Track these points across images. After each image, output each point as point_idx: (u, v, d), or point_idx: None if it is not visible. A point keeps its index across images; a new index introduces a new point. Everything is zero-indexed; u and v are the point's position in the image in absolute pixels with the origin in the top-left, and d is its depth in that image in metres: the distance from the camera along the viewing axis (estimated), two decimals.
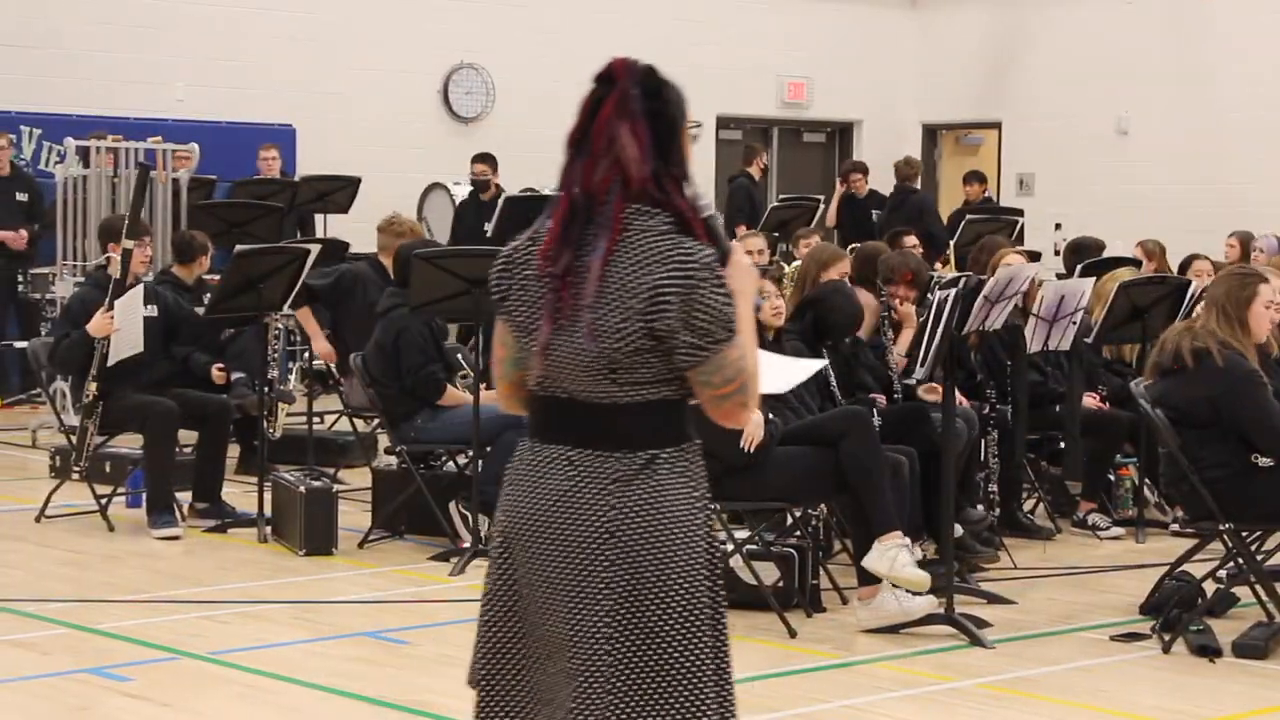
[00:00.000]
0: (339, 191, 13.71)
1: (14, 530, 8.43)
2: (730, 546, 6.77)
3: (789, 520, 7.19)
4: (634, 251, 3.15)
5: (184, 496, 8.54)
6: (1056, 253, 12.85)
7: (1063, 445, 8.85)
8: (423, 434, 8.18)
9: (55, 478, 8.87)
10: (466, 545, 7.77)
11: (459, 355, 8.78)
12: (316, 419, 10.24)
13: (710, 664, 3.22)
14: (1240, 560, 6.59)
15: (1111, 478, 8.79)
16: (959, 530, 7.33)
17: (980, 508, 7.89)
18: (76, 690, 5.83)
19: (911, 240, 9.85)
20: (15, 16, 14.33)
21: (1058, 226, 16.90)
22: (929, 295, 7.56)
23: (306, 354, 11.03)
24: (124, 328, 8.32)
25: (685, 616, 3.18)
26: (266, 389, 8.70)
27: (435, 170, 14.92)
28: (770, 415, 6.54)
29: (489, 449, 7.95)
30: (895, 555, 6.44)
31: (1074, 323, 8.26)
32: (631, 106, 3.18)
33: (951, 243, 13.47)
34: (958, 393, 7.42)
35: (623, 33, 17.34)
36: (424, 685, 5.83)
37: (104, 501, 8.49)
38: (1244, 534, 6.51)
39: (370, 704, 5.64)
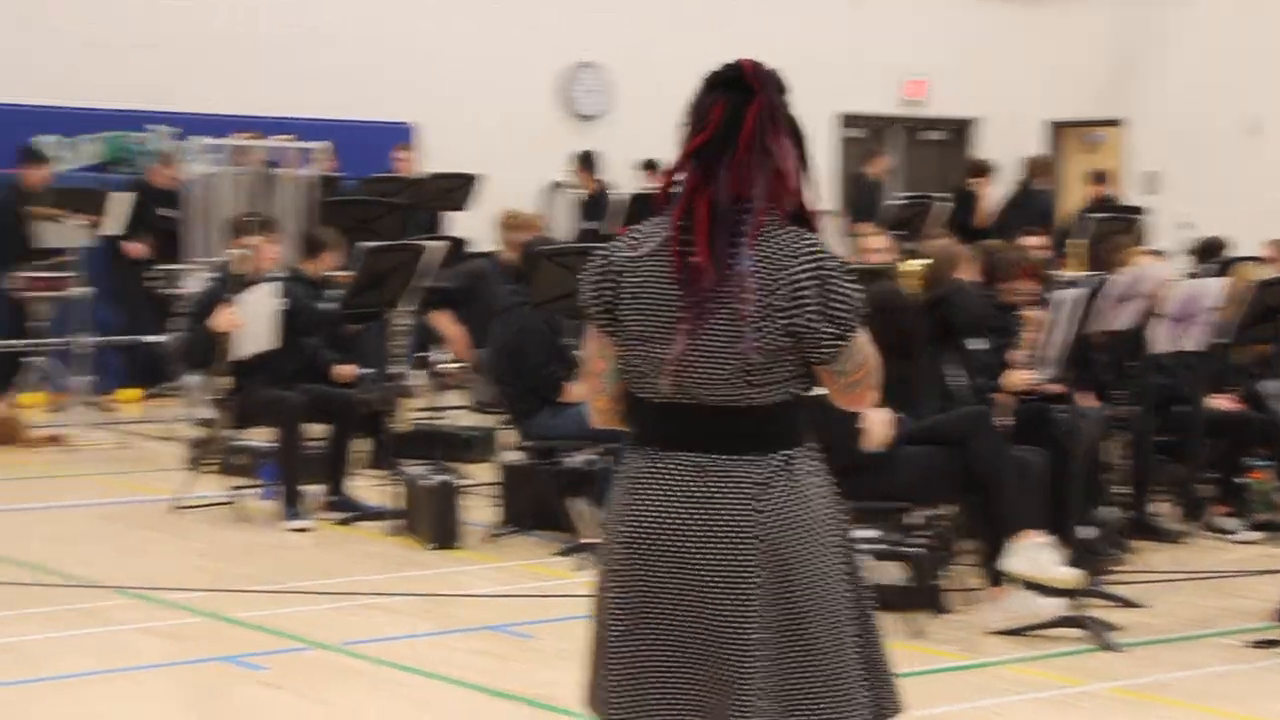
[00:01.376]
0: (459, 189, 13.83)
1: (151, 521, 8.62)
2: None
3: (915, 519, 7.16)
4: (766, 250, 3.13)
5: (314, 490, 8.67)
6: (1185, 252, 12.67)
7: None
8: (546, 430, 8.24)
9: (190, 470, 9.04)
10: (589, 540, 7.82)
11: (578, 352, 8.84)
12: (443, 414, 10.36)
13: (857, 660, 3.21)
14: None
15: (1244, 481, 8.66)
16: (1087, 532, 7.26)
17: (1109, 509, 7.81)
18: (213, 678, 5.96)
19: (1038, 239, 9.75)
20: (148, 18, 14.59)
21: (1186, 225, 16.66)
22: (1050, 294, 7.51)
23: (433, 352, 11.14)
24: (250, 323, 8.48)
25: (830, 617, 3.17)
26: (391, 384, 8.81)
27: (556, 168, 15.02)
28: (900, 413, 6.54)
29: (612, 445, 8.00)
30: (1038, 555, 6.40)
31: (1202, 323, 8.16)
32: (779, 117, 3.19)
33: (1077, 241, 13.32)
34: (1083, 393, 7.36)
35: (743, 29, 17.37)
36: (548, 679, 5.88)
37: (237, 493, 8.65)
38: None
39: (495, 697, 5.70)
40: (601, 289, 3.21)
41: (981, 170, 15.90)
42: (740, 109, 3.16)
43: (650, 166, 15.36)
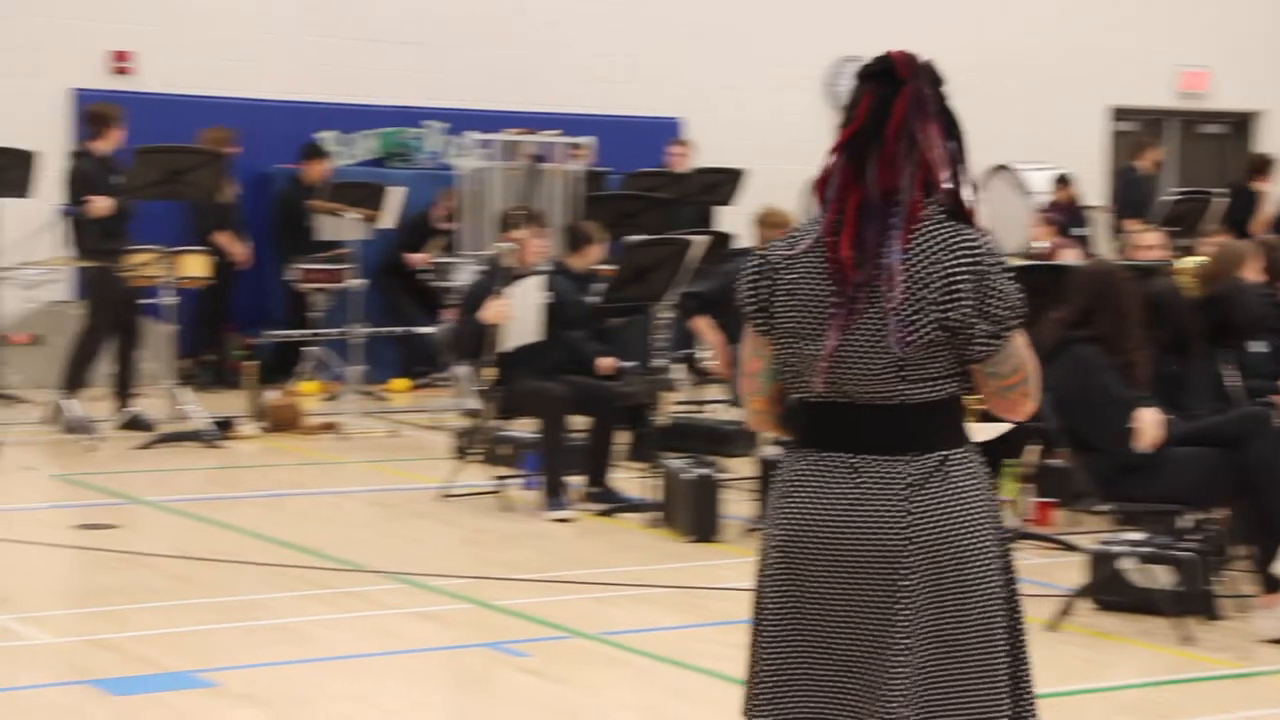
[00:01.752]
0: (724, 184, 13.87)
1: (419, 508, 8.84)
2: (1122, 549, 6.63)
3: (1186, 523, 6.97)
4: (920, 242, 3.08)
5: (576, 480, 8.80)
6: None
7: None
8: None
9: (457, 458, 9.26)
10: None
11: None
12: (703, 408, 10.41)
13: (1007, 667, 3.14)
14: None
15: None
16: None
17: None
18: (477, 663, 6.09)
19: None
20: (423, 15, 14.95)
21: None
22: None
23: (696, 349, 11.20)
24: (518, 315, 8.64)
25: (983, 621, 3.11)
26: (653, 377, 8.89)
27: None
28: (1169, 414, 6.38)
29: None
30: None
31: None
32: (928, 106, 3.12)
33: None
34: None
35: (1010, 21, 17.10)
36: None
37: (501, 483, 8.82)
38: None
39: None
40: (758, 287, 3.19)
41: (1263, 167, 15.34)
42: (889, 100, 3.12)
43: None
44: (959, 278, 3.05)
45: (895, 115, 3.11)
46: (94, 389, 11.18)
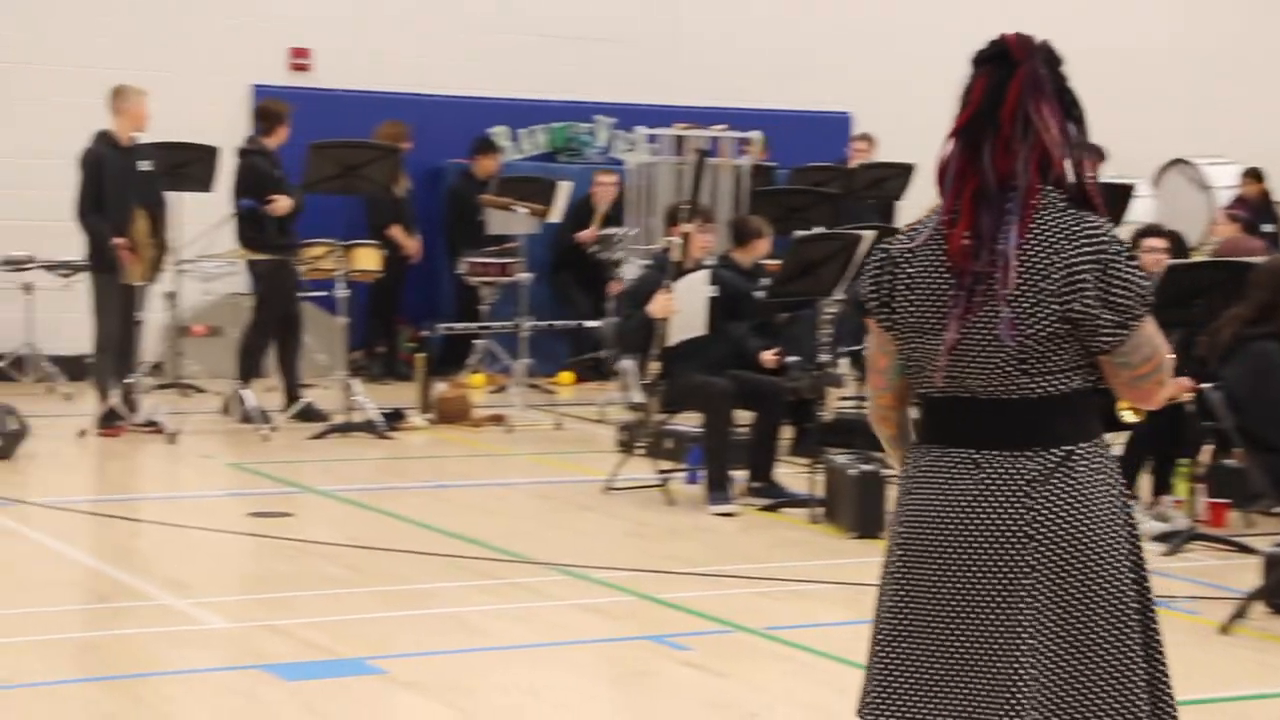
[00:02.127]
0: (894, 179, 13.77)
1: (584, 500, 8.91)
2: None
3: None
4: (1039, 231, 3.01)
5: (740, 475, 8.80)
6: None
7: None
8: None
9: (621, 452, 9.29)
10: None
11: None
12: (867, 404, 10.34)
13: (1142, 667, 3.05)
14: None
15: None
16: None
17: None
18: (639, 655, 6.12)
19: None
20: (591, 13, 15.04)
21: None
22: None
23: (863, 342, 11.15)
24: (684, 309, 8.65)
25: (1113, 620, 3.02)
26: (818, 372, 8.86)
27: None
28: None
29: None
30: None
31: None
32: (1044, 87, 3.05)
33: None
34: None
35: (1195, 13, 16.74)
36: None
37: (665, 477, 8.86)
38: None
39: None
40: (879, 281, 3.14)
41: None
42: (1004, 82, 3.06)
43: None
44: (1081, 267, 2.98)
45: (1010, 98, 3.04)
46: (268, 380, 11.42)
